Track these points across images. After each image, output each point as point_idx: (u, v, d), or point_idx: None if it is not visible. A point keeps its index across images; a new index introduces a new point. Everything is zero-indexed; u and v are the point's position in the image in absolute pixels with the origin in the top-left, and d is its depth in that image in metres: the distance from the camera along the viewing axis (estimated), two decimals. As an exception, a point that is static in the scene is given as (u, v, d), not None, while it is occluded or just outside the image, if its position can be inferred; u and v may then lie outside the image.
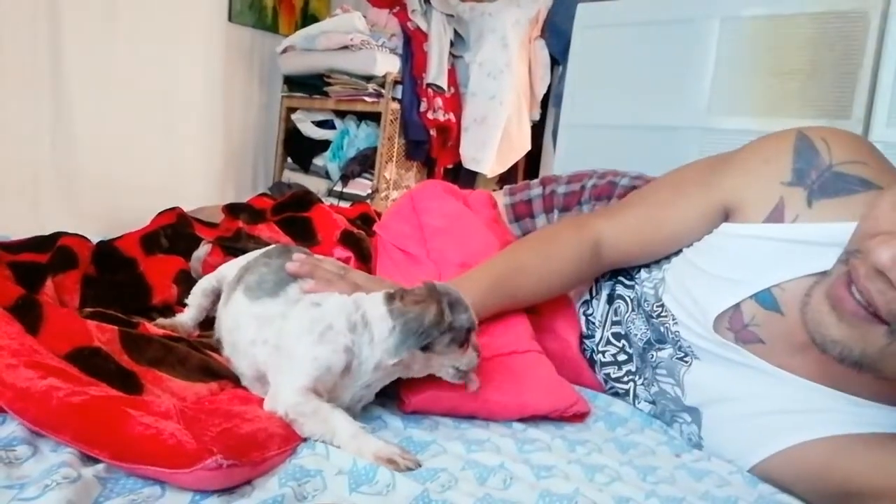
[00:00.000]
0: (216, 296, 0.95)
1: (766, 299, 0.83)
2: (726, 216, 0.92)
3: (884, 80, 1.98)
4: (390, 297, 0.78)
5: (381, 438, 0.72)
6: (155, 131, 3.05)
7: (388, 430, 0.80)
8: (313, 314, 0.78)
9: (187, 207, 1.39)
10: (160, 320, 0.91)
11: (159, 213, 1.29)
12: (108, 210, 2.64)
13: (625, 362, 1.07)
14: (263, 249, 0.94)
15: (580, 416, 0.94)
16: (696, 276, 0.92)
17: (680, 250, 0.99)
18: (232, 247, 1.11)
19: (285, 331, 0.78)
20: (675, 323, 0.95)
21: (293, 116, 3.50)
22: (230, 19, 3.32)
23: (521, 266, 0.99)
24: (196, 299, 0.95)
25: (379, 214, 1.40)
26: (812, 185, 0.83)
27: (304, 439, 0.71)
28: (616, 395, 1.07)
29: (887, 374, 0.68)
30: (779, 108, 2.15)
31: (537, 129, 3.51)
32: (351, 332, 0.76)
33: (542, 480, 0.71)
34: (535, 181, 1.33)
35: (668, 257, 1.01)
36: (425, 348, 0.77)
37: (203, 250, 1.05)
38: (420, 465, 0.70)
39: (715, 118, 2.29)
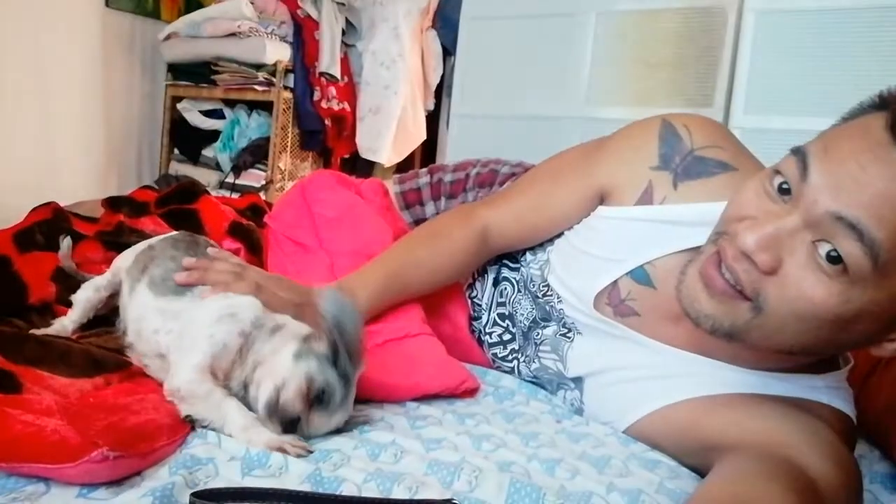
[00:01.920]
0: (111, 292, 0.94)
1: (640, 275, 0.91)
2: (601, 200, 0.99)
3: (741, 72, 2.17)
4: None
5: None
6: (27, 125, 2.86)
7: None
8: (221, 303, 0.79)
9: (66, 204, 1.32)
10: (37, 332, 0.87)
11: (33, 210, 1.23)
12: (-25, 209, 2.45)
13: (509, 341, 1.13)
14: (167, 235, 0.93)
15: (471, 392, 0.99)
16: (577, 256, 0.99)
17: (562, 233, 1.05)
18: (113, 241, 1.07)
19: (191, 318, 0.79)
20: (560, 301, 1.01)
21: (179, 106, 3.37)
22: (107, 5, 3.15)
23: (413, 261, 1.03)
24: (86, 294, 0.93)
25: (270, 205, 1.39)
26: (676, 168, 0.91)
27: (194, 429, 0.71)
28: (502, 373, 1.13)
29: (753, 343, 0.75)
30: (650, 98, 2.30)
31: (432, 119, 3.56)
32: (254, 326, 0.77)
33: (432, 452, 0.75)
34: (424, 170, 1.37)
35: (551, 240, 1.07)
36: None
37: (65, 245, 1.02)
38: (311, 452, 0.71)
39: (593, 108, 2.42)
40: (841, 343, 0.73)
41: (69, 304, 0.93)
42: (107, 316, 0.96)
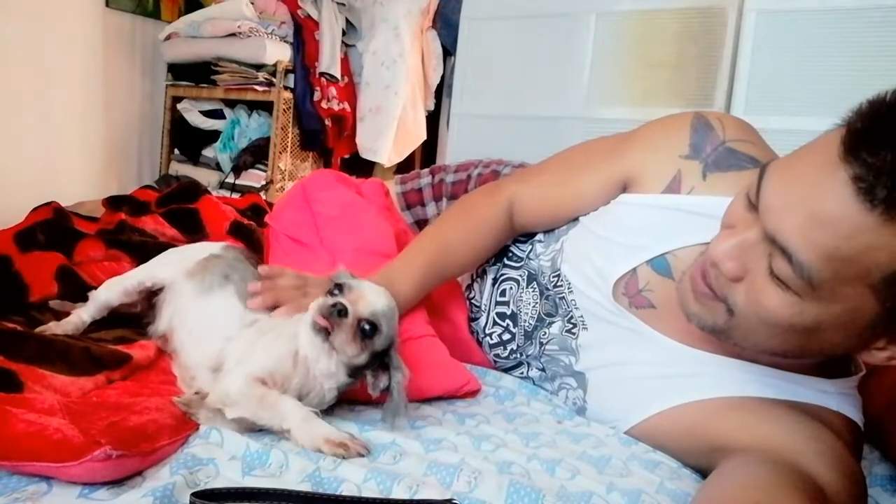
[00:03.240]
0: (140, 294, 0.95)
1: (660, 265, 0.90)
2: (625, 188, 0.99)
3: (741, 71, 2.17)
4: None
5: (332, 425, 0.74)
6: (28, 126, 2.85)
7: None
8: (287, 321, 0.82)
9: (66, 204, 1.33)
10: (49, 327, 0.88)
11: (33, 210, 1.23)
12: (-24, 210, 2.45)
13: (508, 341, 1.12)
14: (222, 245, 0.98)
15: (472, 394, 0.99)
16: (596, 242, 0.98)
17: (577, 220, 1.05)
18: (115, 239, 1.07)
19: (259, 330, 0.82)
20: (571, 291, 1.00)
21: (179, 106, 3.36)
22: (107, 5, 3.14)
23: (447, 244, 1.04)
24: (110, 294, 0.94)
25: (270, 205, 1.39)
26: (707, 158, 0.91)
27: (196, 430, 0.71)
28: (506, 369, 1.13)
29: (737, 342, 0.77)
30: (650, 98, 2.30)
31: (433, 119, 3.56)
32: (310, 344, 0.78)
33: (431, 453, 0.75)
34: (425, 170, 1.37)
35: (565, 229, 1.06)
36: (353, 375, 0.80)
37: None
38: (369, 452, 0.72)
39: (593, 108, 2.42)
40: (815, 349, 0.74)
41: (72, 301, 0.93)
42: (123, 315, 0.97)
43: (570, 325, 1.01)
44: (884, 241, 0.59)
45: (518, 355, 1.10)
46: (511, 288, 1.12)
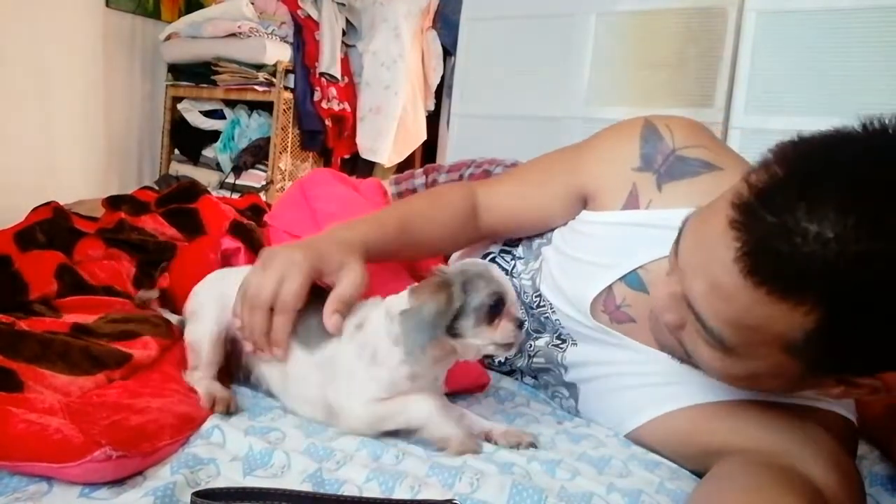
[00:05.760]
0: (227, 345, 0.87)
1: (633, 280, 0.90)
2: (585, 202, 0.99)
3: (741, 72, 2.18)
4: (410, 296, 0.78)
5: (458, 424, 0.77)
6: (28, 126, 2.86)
7: (286, 416, 0.81)
8: (358, 340, 0.78)
9: (66, 204, 1.32)
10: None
11: (34, 210, 1.23)
12: (-24, 210, 2.45)
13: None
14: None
15: (483, 386, 1.00)
16: (569, 263, 0.98)
17: (550, 240, 1.05)
18: (114, 238, 1.07)
19: (339, 362, 0.78)
20: (554, 311, 1.00)
21: (179, 106, 3.37)
22: (107, 5, 3.15)
23: (416, 210, 1.01)
24: (214, 356, 0.85)
25: (270, 206, 1.39)
26: (659, 169, 0.91)
27: (198, 429, 0.71)
28: (502, 374, 1.13)
29: (712, 376, 0.76)
30: (650, 98, 2.31)
31: (433, 119, 3.56)
32: (396, 344, 0.76)
33: (434, 455, 0.75)
34: (419, 170, 1.38)
35: (541, 248, 1.06)
36: (455, 335, 0.75)
37: (150, 294, 1.01)
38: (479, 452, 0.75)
39: (593, 108, 2.42)
40: (765, 390, 0.76)
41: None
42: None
43: (559, 341, 1.01)
44: (779, 313, 0.59)
45: (508, 366, 1.11)
46: None
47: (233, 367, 0.88)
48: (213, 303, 0.86)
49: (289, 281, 0.78)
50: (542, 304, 1.03)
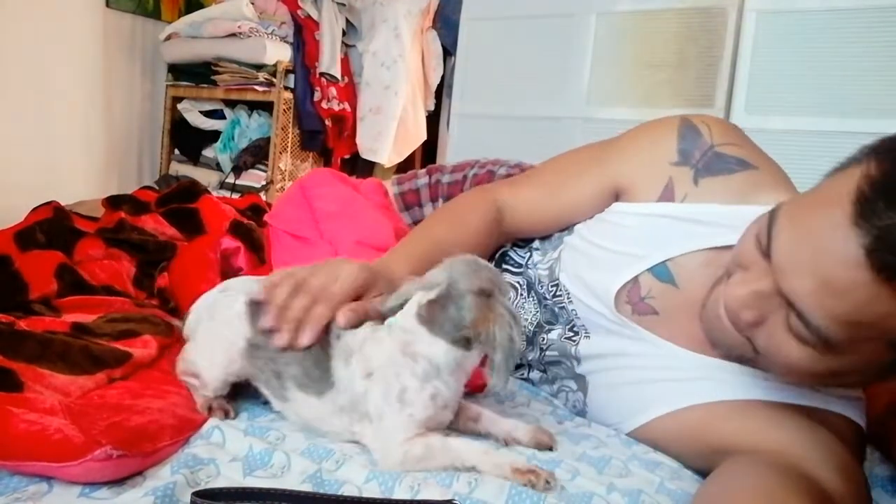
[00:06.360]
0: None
1: (661, 272, 0.90)
2: (616, 196, 0.99)
3: (741, 71, 2.18)
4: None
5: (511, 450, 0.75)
6: (28, 126, 2.86)
7: (283, 420, 0.81)
8: (381, 387, 0.71)
9: (66, 203, 1.33)
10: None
11: (34, 209, 1.23)
12: (-24, 210, 2.45)
13: None
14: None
15: (482, 387, 0.99)
16: (594, 252, 0.98)
17: (572, 230, 1.04)
18: (114, 238, 1.07)
19: (369, 402, 0.72)
20: (571, 301, 1.00)
21: (179, 106, 3.37)
22: (107, 5, 3.15)
23: (438, 241, 0.99)
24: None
25: (270, 206, 1.39)
26: (697, 164, 0.91)
27: (198, 430, 0.71)
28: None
29: (761, 369, 0.79)
30: (650, 99, 2.31)
31: (433, 119, 3.56)
32: (425, 380, 0.72)
33: (433, 453, 0.75)
34: (422, 171, 1.37)
35: (561, 238, 1.06)
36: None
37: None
38: (555, 481, 0.68)
39: (593, 108, 2.42)
40: (831, 385, 0.75)
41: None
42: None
43: (572, 333, 1.00)
44: None
45: (519, 359, 1.10)
46: (510, 294, 1.12)
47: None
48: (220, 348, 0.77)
49: (342, 280, 0.79)
50: (558, 293, 1.02)
